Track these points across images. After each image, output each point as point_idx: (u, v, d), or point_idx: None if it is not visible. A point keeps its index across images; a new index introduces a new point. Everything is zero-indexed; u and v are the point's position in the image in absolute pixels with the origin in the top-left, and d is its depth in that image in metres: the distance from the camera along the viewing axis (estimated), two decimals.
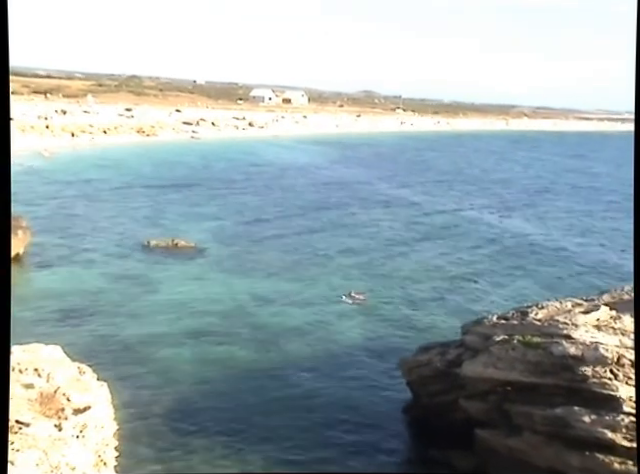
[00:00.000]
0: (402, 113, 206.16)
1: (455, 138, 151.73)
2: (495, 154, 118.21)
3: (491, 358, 17.67)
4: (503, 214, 56.76)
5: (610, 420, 15.27)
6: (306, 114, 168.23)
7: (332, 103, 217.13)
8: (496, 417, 17.41)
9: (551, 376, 16.66)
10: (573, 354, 16.24)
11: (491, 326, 19.15)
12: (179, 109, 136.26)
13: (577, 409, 15.72)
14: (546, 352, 16.69)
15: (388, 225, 49.33)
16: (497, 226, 51.32)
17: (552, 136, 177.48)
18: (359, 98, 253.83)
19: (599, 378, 15.71)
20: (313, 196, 61.10)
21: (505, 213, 57.41)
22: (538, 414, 16.27)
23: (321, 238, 44.07)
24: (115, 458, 10.49)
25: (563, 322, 17.67)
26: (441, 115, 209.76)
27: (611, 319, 18.21)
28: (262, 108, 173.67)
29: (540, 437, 16.22)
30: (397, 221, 51.07)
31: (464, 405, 18.26)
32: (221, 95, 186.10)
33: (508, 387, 17.57)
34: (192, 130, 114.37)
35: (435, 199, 63.09)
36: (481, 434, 17.43)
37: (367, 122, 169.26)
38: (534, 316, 18.96)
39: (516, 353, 17.23)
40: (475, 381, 18.12)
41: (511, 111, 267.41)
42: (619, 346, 16.22)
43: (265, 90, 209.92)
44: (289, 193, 61.74)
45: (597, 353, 15.99)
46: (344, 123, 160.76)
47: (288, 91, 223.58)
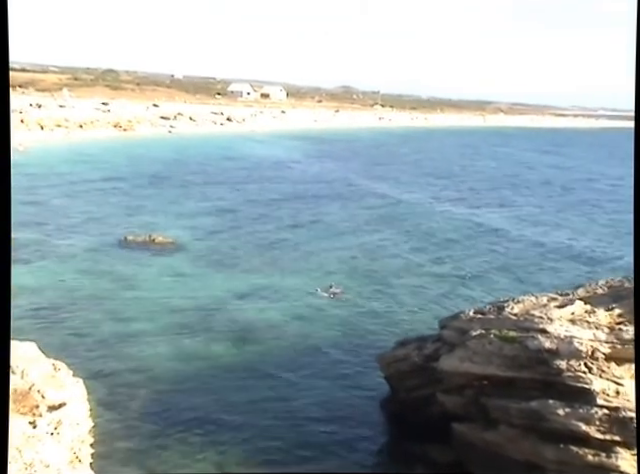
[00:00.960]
0: (380, 109, 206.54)
1: (432, 134, 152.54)
2: (470, 149, 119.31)
3: (468, 352, 17.78)
4: (472, 206, 58.11)
5: (584, 413, 15.45)
6: (284, 109, 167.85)
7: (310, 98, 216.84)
8: (473, 411, 17.54)
9: (527, 370, 16.81)
10: (548, 348, 16.39)
11: (468, 321, 19.27)
12: (156, 103, 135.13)
13: (552, 402, 15.89)
14: (522, 346, 16.82)
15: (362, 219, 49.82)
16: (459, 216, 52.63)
17: (527, 132, 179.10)
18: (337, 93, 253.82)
19: (573, 372, 15.89)
20: (290, 190, 61.27)
21: (473, 205, 58.85)
22: (514, 408, 16.41)
23: (298, 231, 44.21)
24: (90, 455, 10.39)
25: (539, 316, 17.81)
26: (419, 111, 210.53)
27: (585, 313, 18.41)
28: (240, 103, 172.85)
29: (516, 430, 16.37)
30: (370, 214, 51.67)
31: (441, 399, 18.37)
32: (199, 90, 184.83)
33: (485, 381, 17.69)
34: (170, 125, 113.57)
35: (410, 193, 63.70)
36: (458, 428, 17.55)
37: (345, 117, 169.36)
38: (510, 310, 19.11)
39: (492, 347, 17.35)
40: (452, 375, 18.23)
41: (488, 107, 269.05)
42: (593, 340, 16.41)
43: (243, 85, 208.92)
44: (267, 188, 61.73)
45: (571, 347, 16.16)
46: (322, 118, 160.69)
47: (266, 86, 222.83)
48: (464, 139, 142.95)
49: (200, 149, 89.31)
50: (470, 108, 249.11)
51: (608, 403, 15.48)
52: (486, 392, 17.46)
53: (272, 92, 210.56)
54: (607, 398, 15.54)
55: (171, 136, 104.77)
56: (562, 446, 15.50)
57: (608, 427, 15.27)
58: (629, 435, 15.18)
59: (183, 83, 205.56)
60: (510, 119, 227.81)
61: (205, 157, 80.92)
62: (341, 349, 25.24)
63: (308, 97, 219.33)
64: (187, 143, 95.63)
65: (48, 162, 65.44)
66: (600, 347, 16.27)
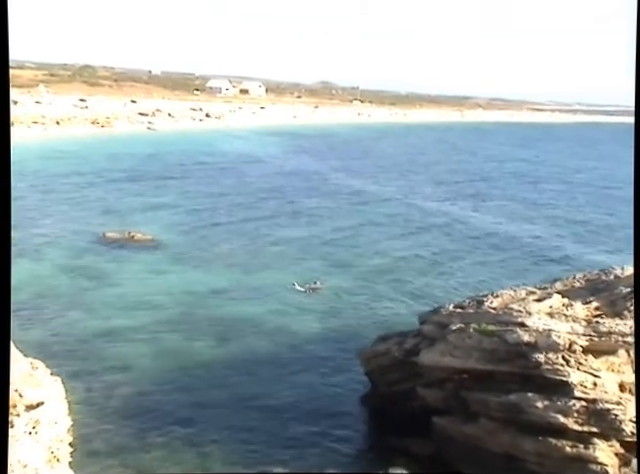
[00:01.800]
0: (359, 104, 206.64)
1: (410, 129, 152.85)
2: (447, 144, 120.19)
3: (448, 346, 17.89)
4: (444, 201, 58.76)
5: (562, 405, 15.62)
6: (264, 105, 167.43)
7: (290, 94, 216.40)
8: (453, 404, 17.65)
9: (506, 363, 16.95)
10: (527, 341, 16.55)
11: (447, 315, 19.39)
12: (134, 100, 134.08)
13: (531, 395, 16.04)
14: (501, 340, 16.97)
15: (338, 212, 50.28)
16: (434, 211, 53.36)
17: (505, 127, 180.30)
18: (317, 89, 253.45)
19: (552, 364, 16.05)
20: (268, 185, 61.24)
21: (445, 199, 59.66)
22: (493, 401, 16.54)
23: (277, 227, 44.22)
24: (69, 454, 10.30)
25: (517, 310, 17.97)
26: (398, 106, 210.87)
27: (563, 306, 18.61)
28: (219, 99, 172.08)
29: (495, 423, 16.51)
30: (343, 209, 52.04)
31: (422, 393, 18.47)
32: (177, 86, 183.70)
33: (464, 375, 17.82)
34: (148, 121, 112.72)
35: (384, 188, 63.95)
36: (438, 421, 17.66)
37: (325, 113, 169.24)
38: (489, 305, 19.27)
39: (472, 341, 17.47)
40: (432, 369, 18.34)
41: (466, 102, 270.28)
42: (571, 333, 16.58)
43: (222, 81, 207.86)
44: (245, 184, 61.59)
45: (549, 340, 16.32)
46: (302, 114, 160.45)
47: (245, 82, 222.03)
48: (442, 134, 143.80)
49: (179, 145, 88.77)
50: (449, 103, 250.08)
51: (586, 395, 15.66)
52: (466, 386, 17.58)
53: (251, 88, 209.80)
54: (585, 390, 15.72)
55: (150, 132, 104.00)
56: (541, 438, 15.67)
57: (586, 419, 15.46)
58: (606, 426, 15.39)
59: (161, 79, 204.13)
60: (488, 114, 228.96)
61: (184, 153, 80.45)
62: (322, 344, 25.26)
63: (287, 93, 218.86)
64: (166, 139, 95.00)
65: (25, 159, 64.56)
66: (578, 340, 16.46)
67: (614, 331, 16.55)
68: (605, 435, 15.44)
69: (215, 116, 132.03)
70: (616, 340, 16.47)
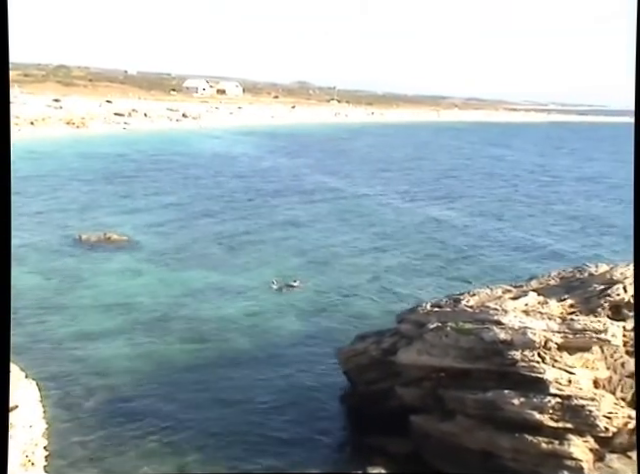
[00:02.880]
0: (337, 104, 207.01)
1: (388, 129, 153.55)
2: (422, 143, 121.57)
3: (425, 345, 17.98)
4: (411, 198, 59.63)
5: (538, 402, 15.79)
6: (241, 105, 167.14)
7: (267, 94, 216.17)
8: (430, 403, 17.76)
9: (482, 361, 17.09)
10: (503, 339, 16.69)
11: (425, 314, 19.48)
12: (110, 100, 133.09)
13: (507, 392, 16.19)
14: (477, 338, 17.09)
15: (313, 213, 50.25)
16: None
17: (480, 126, 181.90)
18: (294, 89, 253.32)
19: (527, 362, 16.21)
20: (244, 185, 61.28)
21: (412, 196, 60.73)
22: (470, 398, 16.68)
23: (253, 226, 44.17)
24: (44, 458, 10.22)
25: (493, 308, 18.11)
26: (375, 106, 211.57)
27: (539, 304, 18.80)
28: (196, 99, 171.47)
29: (472, 421, 16.64)
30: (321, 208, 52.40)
31: (399, 392, 18.55)
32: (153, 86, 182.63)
33: (442, 373, 17.94)
34: (124, 121, 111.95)
35: (358, 187, 64.58)
36: (416, 420, 17.75)
37: (302, 113, 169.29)
38: (466, 303, 19.40)
39: (449, 340, 17.58)
40: (410, 368, 18.43)
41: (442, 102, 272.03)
42: (546, 330, 16.76)
43: (199, 81, 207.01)
44: (222, 184, 61.54)
45: (525, 338, 16.48)
46: (279, 114, 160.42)
47: (222, 82, 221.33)
48: (418, 134, 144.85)
49: (155, 146, 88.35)
50: (425, 103, 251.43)
51: (561, 392, 15.85)
52: (443, 384, 17.71)
53: (228, 88, 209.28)
54: (560, 387, 15.92)
55: (126, 133, 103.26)
56: (517, 435, 15.83)
57: (561, 415, 15.65)
58: (581, 422, 15.59)
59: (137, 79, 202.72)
60: (464, 114, 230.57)
61: (160, 154, 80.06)
62: (300, 343, 25.27)
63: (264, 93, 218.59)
64: (142, 140, 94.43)
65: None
66: (553, 337, 16.65)
67: (588, 328, 16.76)
68: (580, 431, 15.65)
69: (192, 116, 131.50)
70: (590, 337, 16.69)
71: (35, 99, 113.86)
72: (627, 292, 19.27)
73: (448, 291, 25.17)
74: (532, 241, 44.37)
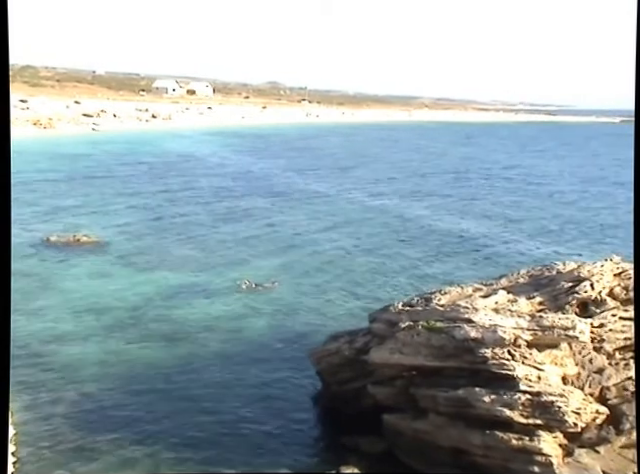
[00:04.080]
0: (308, 104, 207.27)
1: (359, 129, 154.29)
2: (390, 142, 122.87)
3: (397, 344, 18.08)
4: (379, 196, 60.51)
5: (508, 399, 15.97)
6: (211, 105, 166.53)
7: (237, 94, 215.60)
8: (402, 401, 17.86)
9: (454, 359, 17.23)
10: (474, 337, 16.84)
11: (397, 313, 19.59)
12: (78, 100, 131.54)
13: (478, 390, 16.35)
14: (448, 336, 17.23)
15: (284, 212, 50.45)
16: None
17: (449, 126, 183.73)
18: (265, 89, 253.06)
19: (498, 359, 16.39)
20: (215, 185, 61.18)
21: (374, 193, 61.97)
22: (442, 396, 16.80)
23: (223, 227, 44.03)
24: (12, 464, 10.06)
25: (464, 306, 18.29)
26: (346, 106, 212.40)
27: (508, 302, 19.03)
28: (166, 99, 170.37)
29: (444, 418, 16.78)
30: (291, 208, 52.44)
31: (372, 391, 18.62)
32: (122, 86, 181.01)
33: (414, 372, 18.04)
34: (93, 122, 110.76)
35: (324, 184, 64.82)
36: (388, 419, 17.84)
37: (273, 113, 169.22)
38: (437, 302, 19.57)
39: (421, 338, 17.70)
40: (382, 367, 18.52)
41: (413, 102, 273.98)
42: (515, 328, 16.96)
43: (168, 81, 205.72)
44: (192, 185, 61.28)
45: (495, 335, 16.66)
46: (250, 114, 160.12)
47: (192, 82, 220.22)
48: (388, 133, 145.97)
49: (124, 146, 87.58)
50: (396, 103, 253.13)
51: (530, 388, 16.05)
52: (415, 382, 17.82)
53: (198, 88, 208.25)
54: (529, 383, 16.12)
55: (94, 134, 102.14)
56: (487, 432, 15.99)
57: (530, 411, 15.84)
58: (550, 418, 15.81)
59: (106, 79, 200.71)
60: (435, 114, 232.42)
61: (129, 154, 79.45)
62: (273, 344, 25.23)
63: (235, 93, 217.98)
64: (110, 141, 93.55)
65: None
66: (522, 334, 16.85)
67: (557, 325, 17.00)
68: (549, 427, 15.86)
69: (162, 117, 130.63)
70: (559, 334, 16.93)
71: None
72: (594, 289, 19.60)
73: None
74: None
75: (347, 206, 54.55)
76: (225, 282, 32.15)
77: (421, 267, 37.07)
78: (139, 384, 21.32)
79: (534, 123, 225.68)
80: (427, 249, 40.97)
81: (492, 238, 44.55)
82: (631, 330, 18.89)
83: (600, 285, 19.81)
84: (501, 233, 46.16)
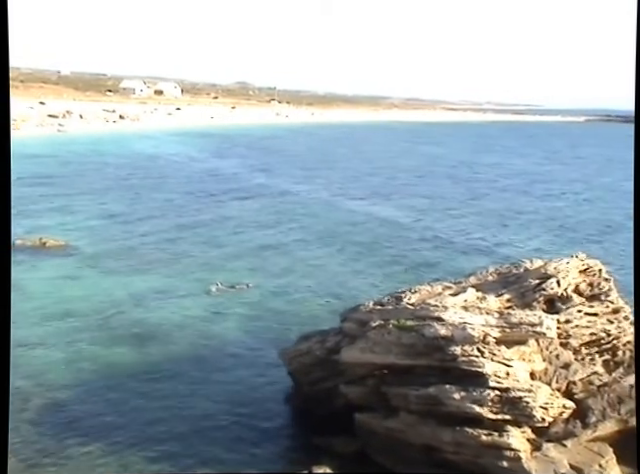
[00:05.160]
0: (277, 105, 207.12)
1: (328, 129, 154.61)
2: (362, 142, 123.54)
3: (368, 343, 18.19)
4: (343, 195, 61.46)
5: (477, 395, 16.19)
6: (180, 106, 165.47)
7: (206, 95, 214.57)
8: (374, 400, 17.98)
9: (424, 357, 17.40)
10: (443, 335, 17.03)
11: (367, 312, 19.70)
12: (43, 101, 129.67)
13: (448, 387, 16.54)
14: (419, 334, 17.39)
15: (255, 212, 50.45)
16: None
17: (418, 126, 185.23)
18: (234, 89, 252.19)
19: (467, 356, 16.60)
20: (186, 187, 60.90)
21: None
22: (413, 394, 16.95)
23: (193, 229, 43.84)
24: None
25: (434, 305, 18.46)
26: (315, 106, 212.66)
27: (477, 300, 19.26)
28: (133, 100, 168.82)
29: (415, 416, 16.93)
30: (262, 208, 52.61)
31: (344, 391, 18.71)
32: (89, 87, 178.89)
33: (385, 370, 18.18)
34: (58, 123, 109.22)
35: (296, 185, 65.08)
36: (360, 418, 17.95)
37: (242, 114, 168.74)
38: (408, 300, 19.71)
39: (391, 337, 17.83)
40: (353, 366, 18.61)
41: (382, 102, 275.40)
42: (484, 325, 17.20)
43: (136, 81, 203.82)
44: (160, 186, 60.86)
45: (465, 333, 16.87)
46: (219, 115, 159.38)
47: (160, 82, 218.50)
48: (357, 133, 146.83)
49: (90, 147, 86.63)
50: (365, 104, 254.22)
51: (499, 384, 16.29)
52: (386, 381, 17.94)
53: (166, 89, 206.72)
54: (498, 380, 16.36)
55: (60, 135, 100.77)
56: (458, 428, 16.20)
57: (500, 407, 16.09)
58: (519, 414, 16.08)
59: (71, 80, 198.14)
60: (404, 114, 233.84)
61: (96, 156, 78.60)
62: (245, 346, 25.20)
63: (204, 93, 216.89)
64: (77, 142, 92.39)
65: None
66: (491, 331, 17.09)
67: (524, 322, 17.28)
68: (517, 422, 16.12)
69: (129, 117, 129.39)
70: (526, 330, 17.20)
71: None
72: (560, 286, 19.94)
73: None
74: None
75: (313, 205, 55.15)
76: (195, 284, 32.00)
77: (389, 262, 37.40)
78: (108, 388, 21.13)
79: (500, 122, 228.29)
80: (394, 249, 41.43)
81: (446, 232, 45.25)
82: (596, 326, 19.30)
83: (566, 282, 20.16)
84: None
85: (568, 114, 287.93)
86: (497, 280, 21.32)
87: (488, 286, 20.75)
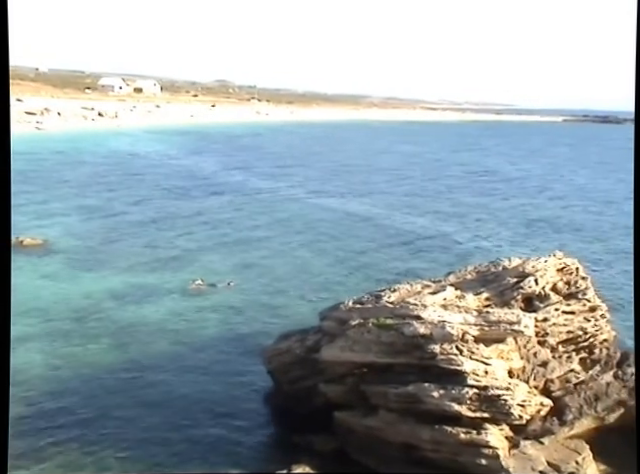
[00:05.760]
0: (257, 103, 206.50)
1: (307, 127, 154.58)
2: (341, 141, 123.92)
3: (348, 342, 18.21)
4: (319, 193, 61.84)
5: (456, 393, 16.28)
6: (159, 104, 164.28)
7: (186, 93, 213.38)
8: (353, 399, 18.00)
9: (403, 355, 17.46)
10: (423, 333, 17.10)
11: (347, 311, 19.71)
12: (20, 99, 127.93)
13: (427, 385, 16.61)
14: (398, 333, 17.44)
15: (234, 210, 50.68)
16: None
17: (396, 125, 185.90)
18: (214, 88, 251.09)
19: (446, 354, 16.68)
20: (165, 185, 60.72)
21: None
22: (392, 392, 17.00)
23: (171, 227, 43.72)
24: None
25: (413, 303, 18.52)
26: (295, 105, 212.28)
27: (456, 298, 19.37)
28: (112, 97, 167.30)
29: (394, 414, 16.98)
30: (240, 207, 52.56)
31: (323, 389, 18.71)
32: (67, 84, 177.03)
33: (364, 369, 18.20)
34: (36, 121, 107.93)
35: (264, 181, 65.96)
36: (340, 416, 17.96)
37: (222, 112, 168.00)
38: (387, 299, 19.75)
39: (371, 335, 17.86)
40: (333, 365, 18.62)
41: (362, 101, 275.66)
42: (463, 323, 17.29)
43: (115, 79, 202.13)
44: (142, 184, 60.50)
45: (444, 331, 16.94)
46: (199, 113, 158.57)
47: (139, 80, 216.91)
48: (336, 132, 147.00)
49: (69, 145, 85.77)
50: (345, 102, 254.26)
51: (478, 383, 16.39)
52: (366, 379, 17.97)
53: (145, 86, 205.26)
54: (477, 378, 16.46)
55: (38, 133, 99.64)
56: (437, 426, 16.28)
57: (478, 405, 16.19)
58: (496, 412, 16.20)
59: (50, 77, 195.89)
60: (383, 113, 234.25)
61: (74, 153, 77.84)
62: (223, 344, 25.10)
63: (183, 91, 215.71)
64: (55, 139, 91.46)
65: None
66: (470, 330, 17.19)
67: (503, 320, 17.40)
68: (496, 420, 16.24)
69: (108, 115, 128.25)
70: (505, 328, 17.33)
71: None
72: (538, 284, 20.12)
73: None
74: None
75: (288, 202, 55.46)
76: (172, 282, 31.85)
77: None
78: (86, 387, 20.97)
79: (480, 122, 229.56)
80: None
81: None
82: (573, 324, 19.51)
83: (544, 280, 20.35)
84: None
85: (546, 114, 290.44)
86: (476, 278, 21.45)
87: (467, 285, 20.87)
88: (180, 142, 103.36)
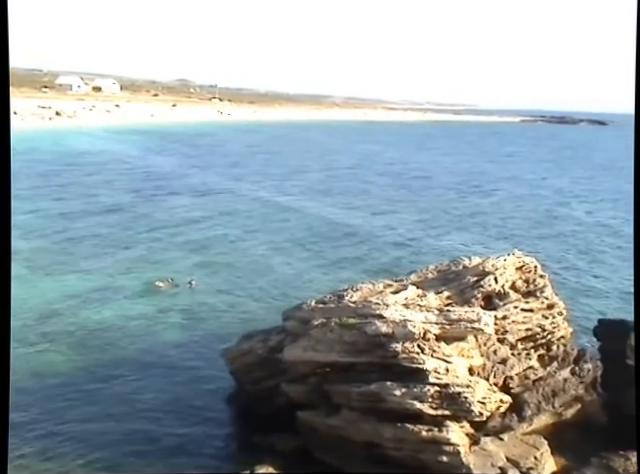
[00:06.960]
0: (218, 103, 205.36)
1: (269, 127, 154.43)
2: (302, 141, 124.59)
3: (311, 342, 18.23)
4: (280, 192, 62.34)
5: (418, 391, 16.42)
6: (119, 103, 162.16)
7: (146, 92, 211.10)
8: (316, 398, 18.03)
9: (366, 354, 17.54)
10: (385, 332, 17.20)
11: (310, 310, 19.74)
12: None
13: (389, 384, 16.72)
14: (360, 332, 17.52)
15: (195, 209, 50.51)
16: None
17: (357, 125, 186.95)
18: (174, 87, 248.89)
19: (408, 353, 16.81)
20: (125, 186, 60.03)
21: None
22: (354, 391, 17.07)
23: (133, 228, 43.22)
24: None
25: (375, 303, 18.64)
26: (257, 105, 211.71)
27: (418, 297, 19.55)
28: (70, 96, 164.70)
29: (357, 413, 17.06)
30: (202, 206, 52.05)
31: (286, 389, 18.70)
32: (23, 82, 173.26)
33: (327, 368, 18.25)
34: None
35: (237, 183, 65.71)
36: (302, 416, 17.98)
37: (183, 111, 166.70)
38: (349, 298, 19.83)
39: (334, 335, 17.91)
40: (296, 365, 18.63)
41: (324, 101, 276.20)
42: (425, 322, 17.44)
43: (73, 77, 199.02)
44: (102, 184, 59.67)
45: (405, 330, 17.07)
46: (159, 112, 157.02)
47: (98, 79, 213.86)
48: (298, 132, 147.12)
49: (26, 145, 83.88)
50: (307, 102, 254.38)
51: (439, 380, 16.57)
52: (329, 379, 18.01)
53: (104, 85, 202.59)
54: (438, 376, 16.63)
55: None
56: (399, 424, 16.39)
57: (439, 403, 16.36)
58: (458, 409, 16.39)
59: None
60: (345, 113, 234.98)
61: (31, 153, 76.21)
62: (185, 346, 24.91)
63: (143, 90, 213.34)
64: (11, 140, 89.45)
65: None
66: (431, 328, 17.35)
67: (463, 318, 17.62)
68: (456, 417, 16.44)
69: (66, 114, 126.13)
70: (465, 327, 17.54)
71: None
72: (497, 283, 20.43)
73: None
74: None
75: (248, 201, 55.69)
76: (136, 282, 31.49)
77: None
78: (47, 391, 20.61)
79: (440, 122, 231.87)
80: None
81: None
82: (531, 321, 19.85)
83: (503, 279, 20.67)
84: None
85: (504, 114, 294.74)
86: (437, 277, 21.67)
87: (428, 283, 21.07)
88: (140, 141, 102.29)
